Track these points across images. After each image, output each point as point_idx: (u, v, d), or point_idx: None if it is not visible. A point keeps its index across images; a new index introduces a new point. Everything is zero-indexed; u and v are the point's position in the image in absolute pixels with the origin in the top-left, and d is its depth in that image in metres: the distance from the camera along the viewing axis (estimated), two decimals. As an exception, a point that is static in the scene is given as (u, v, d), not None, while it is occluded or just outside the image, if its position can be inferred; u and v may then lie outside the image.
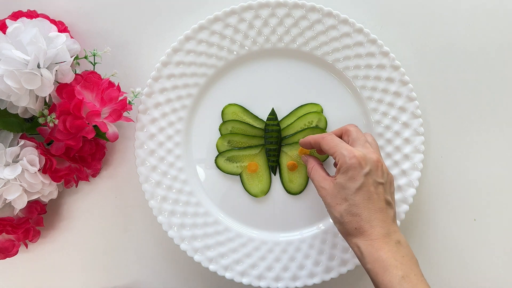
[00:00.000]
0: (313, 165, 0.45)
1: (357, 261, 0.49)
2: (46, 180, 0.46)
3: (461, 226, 0.52)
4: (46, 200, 0.49)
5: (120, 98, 0.45)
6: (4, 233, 0.46)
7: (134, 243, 0.53)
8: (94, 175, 0.52)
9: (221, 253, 0.49)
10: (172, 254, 0.53)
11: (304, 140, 0.46)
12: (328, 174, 0.43)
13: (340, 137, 0.44)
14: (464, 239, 0.53)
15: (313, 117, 0.51)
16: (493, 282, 0.53)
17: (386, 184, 0.40)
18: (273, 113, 0.51)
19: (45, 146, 0.46)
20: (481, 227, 0.52)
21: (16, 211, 0.46)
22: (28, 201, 0.46)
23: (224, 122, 0.51)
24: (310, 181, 0.51)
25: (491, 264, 0.53)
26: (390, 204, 0.40)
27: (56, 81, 0.43)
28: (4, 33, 0.41)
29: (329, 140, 0.42)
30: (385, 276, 0.36)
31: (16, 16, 0.47)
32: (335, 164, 0.44)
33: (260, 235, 0.51)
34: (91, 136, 0.43)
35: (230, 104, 0.51)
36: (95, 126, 0.44)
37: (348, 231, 0.39)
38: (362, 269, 0.52)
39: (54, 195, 0.49)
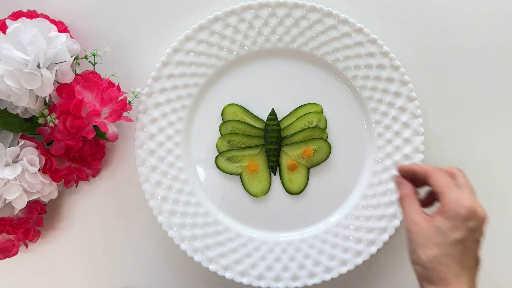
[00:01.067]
0: (408, 192, 0.41)
1: (357, 261, 0.49)
2: (46, 180, 0.46)
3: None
4: (46, 200, 0.49)
5: (120, 98, 0.45)
6: (4, 233, 0.46)
7: (134, 243, 0.53)
8: (94, 175, 0.52)
9: (221, 253, 0.49)
10: (172, 254, 0.53)
11: (406, 167, 0.42)
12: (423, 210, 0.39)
13: None
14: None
15: (313, 117, 0.51)
16: (493, 282, 0.53)
17: (481, 241, 0.37)
18: (273, 113, 0.51)
19: (45, 146, 0.46)
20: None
21: (16, 211, 0.46)
22: (28, 201, 0.46)
23: (224, 122, 0.51)
24: (310, 181, 0.51)
25: (491, 264, 0.52)
26: (478, 262, 0.37)
27: (56, 81, 0.43)
28: (4, 33, 0.41)
29: (441, 177, 0.38)
30: None
31: (16, 16, 0.47)
32: (430, 198, 0.42)
33: (260, 235, 0.51)
34: (91, 136, 0.43)
35: (230, 104, 0.51)
36: (95, 126, 0.44)
37: (430, 278, 0.36)
38: (362, 269, 0.52)
39: (54, 195, 0.49)
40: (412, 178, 0.42)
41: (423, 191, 0.43)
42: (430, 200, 0.43)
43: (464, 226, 0.36)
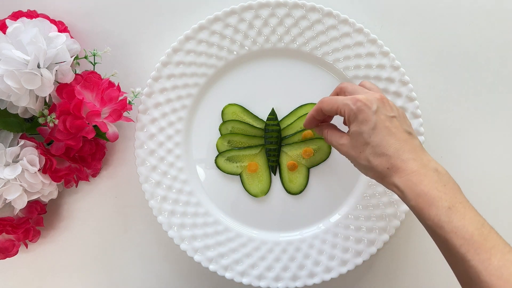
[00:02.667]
0: (327, 129, 0.43)
1: (357, 261, 0.49)
2: (46, 180, 0.46)
3: (461, 226, 0.52)
4: (46, 200, 0.49)
5: (120, 98, 0.45)
6: (4, 233, 0.46)
7: (134, 243, 0.53)
8: (94, 175, 0.52)
9: (221, 253, 0.49)
10: (172, 254, 0.53)
11: (306, 119, 0.44)
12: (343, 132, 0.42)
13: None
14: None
15: (313, 117, 0.51)
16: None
17: (399, 117, 0.39)
18: (273, 113, 0.51)
19: (45, 146, 0.46)
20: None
21: (16, 211, 0.46)
22: (28, 201, 0.46)
23: (224, 122, 0.51)
24: (310, 181, 0.51)
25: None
26: (411, 134, 0.38)
27: (56, 81, 0.43)
28: (4, 33, 0.41)
29: (328, 99, 0.41)
30: (431, 210, 0.33)
31: (16, 16, 0.47)
32: (344, 122, 0.44)
33: (260, 235, 0.51)
34: (91, 136, 0.43)
35: (230, 104, 0.51)
36: (95, 126, 0.44)
37: (381, 174, 0.37)
38: (362, 269, 0.52)
39: (54, 195, 0.49)
40: (320, 121, 0.44)
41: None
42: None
43: (369, 114, 0.37)
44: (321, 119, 0.44)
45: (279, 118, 0.52)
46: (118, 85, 0.46)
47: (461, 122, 0.53)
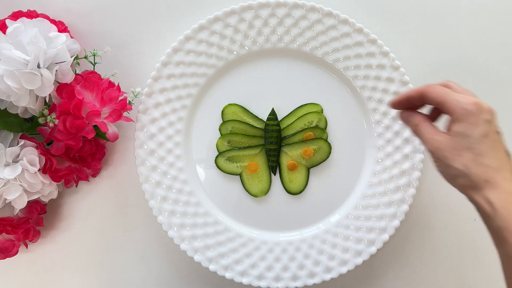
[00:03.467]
0: (418, 119, 0.39)
1: (357, 261, 0.49)
2: (46, 180, 0.46)
3: (461, 226, 0.52)
4: (46, 200, 0.49)
5: (120, 98, 0.45)
6: (4, 233, 0.46)
7: (134, 243, 0.53)
8: (94, 175, 0.52)
9: (221, 253, 0.49)
10: (172, 254, 0.53)
11: (400, 98, 0.40)
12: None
13: None
14: (464, 239, 0.53)
15: (313, 117, 0.51)
16: (493, 282, 0.53)
17: (501, 136, 0.36)
18: (273, 113, 0.51)
19: (45, 146, 0.46)
20: (481, 227, 0.52)
21: (16, 211, 0.46)
22: (28, 201, 0.46)
23: (224, 122, 0.51)
24: (310, 181, 0.51)
25: (491, 264, 0.52)
26: (509, 154, 0.36)
27: (56, 81, 0.43)
28: (4, 33, 0.41)
29: (437, 89, 0.37)
30: None
31: (16, 16, 0.47)
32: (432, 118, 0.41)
33: (260, 235, 0.51)
34: (91, 136, 0.43)
35: (230, 104, 0.51)
36: (95, 126, 0.44)
37: (475, 184, 0.34)
38: (362, 269, 0.52)
39: (54, 195, 0.49)
40: (410, 105, 0.40)
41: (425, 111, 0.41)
42: (434, 116, 0.41)
43: (480, 119, 0.35)
44: (408, 106, 0.40)
45: (279, 118, 0.52)
46: (118, 85, 0.46)
47: (461, 122, 0.53)
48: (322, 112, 0.51)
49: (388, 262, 0.53)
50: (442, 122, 0.39)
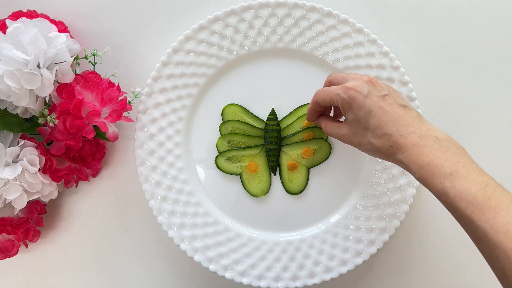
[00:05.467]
0: (324, 122, 0.45)
1: (357, 261, 0.49)
2: (46, 180, 0.46)
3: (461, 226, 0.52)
4: (46, 200, 0.49)
5: (120, 98, 0.45)
6: (4, 233, 0.46)
7: (134, 243, 0.53)
8: (94, 175, 0.52)
9: (221, 253, 0.49)
10: (172, 254, 0.53)
11: (307, 113, 0.46)
12: (339, 122, 0.44)
13: None
14: (464, 239, 0.52)
15: (313, 117, 0.51)
16: (493, 282, 0.53)
17: (392, 93, 0.40)
18: (273, 113, 0.51)
19: (45, 146, 0.46)
20: (481, 227, 0.52)
21: (16, 211, 0.46)
22: (28, 201, 0.46)
23: (224, 122, 0.51)
24: (310, 181, 0.51)
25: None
26: (406, 107, 0.39)
27: (56, 81, 0.43)
28: (4, 33, 0.41)
29: (321, 91, 0.42)
30: (434, 179, 0.34)
31: (16, 16, 0.47)
32: (337, 114, 0.47)
33: (260, 235, 0.51)
34: (91, 136, 0.43)
35: (230, 104, 0.51)
36: (95, 126, 0.44)
37: (386, 153, 0.38)
38: (362, 269, 0.52)
39: (54, 195, 0.49)
40: (318, 113, 0.46)
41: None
42: (339, 112, 0.47)
43: (361, 99, 0.38)
44: (320, 111, 0.45)
45: (279, 118, 0.52)
46: (118, 85, 0.46)
47: (461, 122, 0.53)
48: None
49: (388, 262, 0.53)
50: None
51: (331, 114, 0.48)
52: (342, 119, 0.47)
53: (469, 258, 0.53)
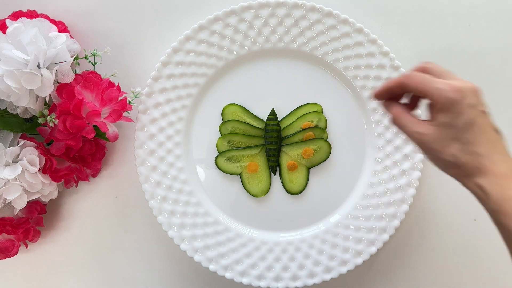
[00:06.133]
0: (399, 111, 0.38)
1: (357, 261, 0.49)
2: (46, 180, 0.46)
3: (461, 226, 0.52)
4: (46, 200, 0.49)
5: (120, 98, 0.45)
6: (4, 233, 0.46)
7: (134, 243, 0.53)
8: (94, 175, 0.52)
9: (221, 253, 0.49)
10: (172, 254, 0.53)
11: (380, 89, 0.39)
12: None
13: None
14: (464, 239, 0.53)
15: (313, 117, 0.51)
16: (494, 282, 0.53)
17: (488, 112, 0.36)
18: (273, 113, 0.51)
19: (45, 146, 0.46)
20: (481, 227, 0.52)
21: (16, 211, 0.46)
22: (28, 201, 0.46)
23: (224, 122, 0.51)
24: (310, 181, 0.51)
25: (491, 264, 0.52)
26: (499, 132, 0.35)
27: (56, 81, 0.43)
28: (4, 33, 0.41)
29: (419, 76, 0.35)
30: None
31: (16, 16, 0.47)
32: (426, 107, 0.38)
33: (260, 235, 0.51)
34: (91, 136, 0.43)
35: (230, 104, 0.51)
36: (95, 126, 0.44)
37: (467, 172, 0.34)
38: (362, 269, 0.52)
39: (54, 195, 0.49)
40: (392, 96, 0.39)
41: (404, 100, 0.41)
42: (415, 102, 0.40)
43: (464, 106, 0.34)
44: (394, 96, 0.39)
45: (279, 118, 0.52)
46: (118, 85, 0.46)
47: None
48: (322, 112, 0.51)
49: (388, 262, 0.53)
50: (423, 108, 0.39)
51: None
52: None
53: (468, 258, 0.53)
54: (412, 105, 0.40)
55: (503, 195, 0.32)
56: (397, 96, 0.39)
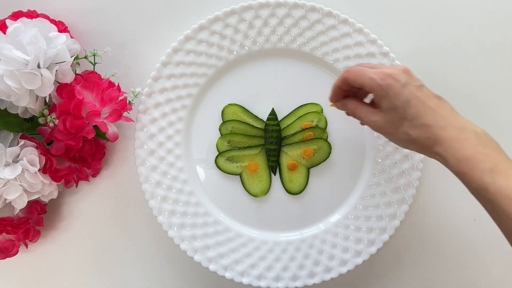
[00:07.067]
0: (355, 104, 0.42)
1: (357, 261, 0.49)
2: (46, 180, 0.46)
3: (461, 226, 0.52)
4: (46, 200, 0.49)
5: (120, 98, 0.45)
6: (4, 233, 0.46)
7: (134, 243, 0.53)
8: (94, 175, 0.52)
9: (221, 253, 0.49)
10: (172, 254, 0.53)
11: (332, 91, 0.43)
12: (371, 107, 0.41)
13: None
14: (464, 239, 0.53)
15: (313, 117, 0.51)
16: (494, 283, 0.53)
17: (425, 85, 0.39)
18: (273, 113, 0.51)
19: (45, 146, 0.46)
20: (481, 227, 0.52)
21: (16, 211, 0.46)
22: (28, 201, 0.46)
23: (224, 122, 0.51)
24: (310, 181, 0.51)
25: (491, 264, 0.53)
26: (441, 98, 0.38)
27: (56, 81, 0.43)
28: (4, 33, 0.41)
29: (355, 69, 0.39)
30: (474, 174, 0.33)
31: (16, 16, 0.47)
32: (371, 101, 0.43)
33: (260, 235, 0.51)
34: (91, 136, 0.43)
35: (230, 104, 0.51)
36: (95, 126, 0.44)
37: (423, 145, 0.37)
38: (362, 269, 0.52)
39: (54, 195, 0.49)
40: (346, 94, 0.43)
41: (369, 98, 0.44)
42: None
43: (398, 88, 0.37)
44: (345, 92, 0.43)
45: (279, 118, 0.52)
46: (118, 85, 0.46)
47: (461, 122, 0.53)
48: (322, 112, 0.51)
49: (388, 262, 0.53)
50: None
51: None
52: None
53: (468, 258, 0.53)
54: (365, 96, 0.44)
55: (457, 157, 0.34)
56: (351, 94, 0.43)
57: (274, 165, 0.51)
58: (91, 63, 0.48)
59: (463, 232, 0.53)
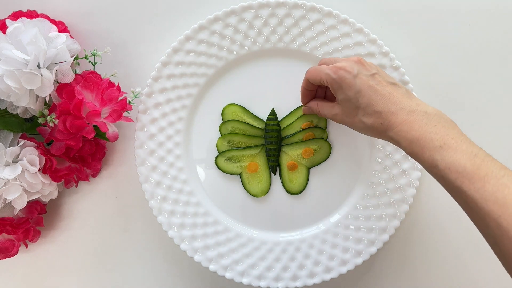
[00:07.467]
0: (317, 103, 0.46)
1: (357, 261, 0.49)
2: (46, 180, 0.46)
3: (461, 226, 0.52)
4: (46, 200, 0.49)
5: (120, 98, 0.45)
6: (4, 233, 0.46)
7: (134, 243, 0.53)
8: (94, 175, 0.52)
9: (221, 253, 0.49)
10: (172, 254, 0.53)
11: (301, 95, 0.47)
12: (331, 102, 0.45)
13: None
14: (464, 239, 0.53)
15: (313, 117, 0.51)
16: (494, 283, 0.53)
17: (380, 72, 0.40)
18: (273, 113, 0.51)
19: (45, 146, 0.46)
20: (481, 227, 0.52)
21: (16, 211, 0.46)
22: (28, 201, 0.46)
23: (224, 122, 0.51)
24: (310, 181, 0.51)
25: (491, 264, 0.52)
26: (395, 84, 0.40)
27: (56, 81, 0.43)
28: (4, 33, 0.41)
29: (312, 69, 0.43)
30: (424, 153, 0.34)
31: (16, 16, 0.47)
32: (327, 97, 0.47)
33: (260, 235, 0.51)
34: (91, 136, 0.43)
35: (230, 104, 0.51)
36: (95, 126, 0.44)
37: (377, 130, 0.39)
38: (362, 269, 0.52)
39: (54, 195, 0.49)
40: (313, 93, 0.47)
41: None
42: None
43: (351, 79, 0.39)
44: (313, 92, 0.47)
45: (279, 118, 0.52)
46: (118, 85, 0.46)
47: (461, 123, 0.53)
48: (322, 112, 0.51)
49: (388, 262, 0.53)
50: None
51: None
52: None
53: (469, 257, 0.53)
54: (331, 97, 0.47)
55: (408, 139, 0.36)
56: (319, 94, 0.47)
57: (274, 165, 0.51)
58: (91, 63, 0.48)
59: (463, 232, 0.53)
